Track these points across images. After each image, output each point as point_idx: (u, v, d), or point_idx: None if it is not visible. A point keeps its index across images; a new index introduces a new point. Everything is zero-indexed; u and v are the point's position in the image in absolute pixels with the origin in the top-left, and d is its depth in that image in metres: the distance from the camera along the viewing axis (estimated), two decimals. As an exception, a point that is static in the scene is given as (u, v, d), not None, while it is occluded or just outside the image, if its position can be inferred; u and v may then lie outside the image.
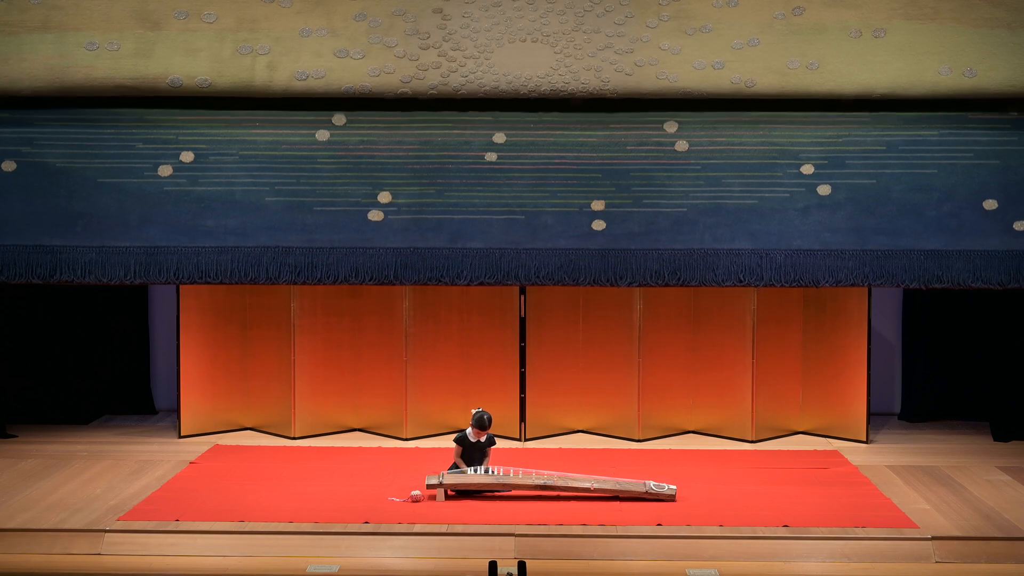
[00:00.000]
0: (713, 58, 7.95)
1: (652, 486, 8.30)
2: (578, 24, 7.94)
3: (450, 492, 8.37)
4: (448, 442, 8.89)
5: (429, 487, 8.35)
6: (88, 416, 10.89)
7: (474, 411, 8.59)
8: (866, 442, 10.14)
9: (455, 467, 8.51)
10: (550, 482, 8.35)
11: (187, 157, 8.16)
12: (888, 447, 10.08)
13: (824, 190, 8.16)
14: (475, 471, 8.43)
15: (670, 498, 8.29)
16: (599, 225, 8.19)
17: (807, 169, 8.17)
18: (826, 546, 7.56)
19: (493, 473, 8.42)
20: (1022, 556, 7.56)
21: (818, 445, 10.05)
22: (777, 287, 8.25)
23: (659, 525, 7.77)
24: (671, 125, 8.19)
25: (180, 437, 10.23)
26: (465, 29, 7.92)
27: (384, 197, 8.17)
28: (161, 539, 7.62)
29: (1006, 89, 7.99)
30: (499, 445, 9.02)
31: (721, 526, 7.74)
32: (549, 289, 10.19)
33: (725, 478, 8.95)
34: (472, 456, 8.53)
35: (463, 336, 10.36)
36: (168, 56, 7.94)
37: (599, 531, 7.70)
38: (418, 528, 7.71)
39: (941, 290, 10.68)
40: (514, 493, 8.40)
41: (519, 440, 10.28)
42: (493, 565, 6.27)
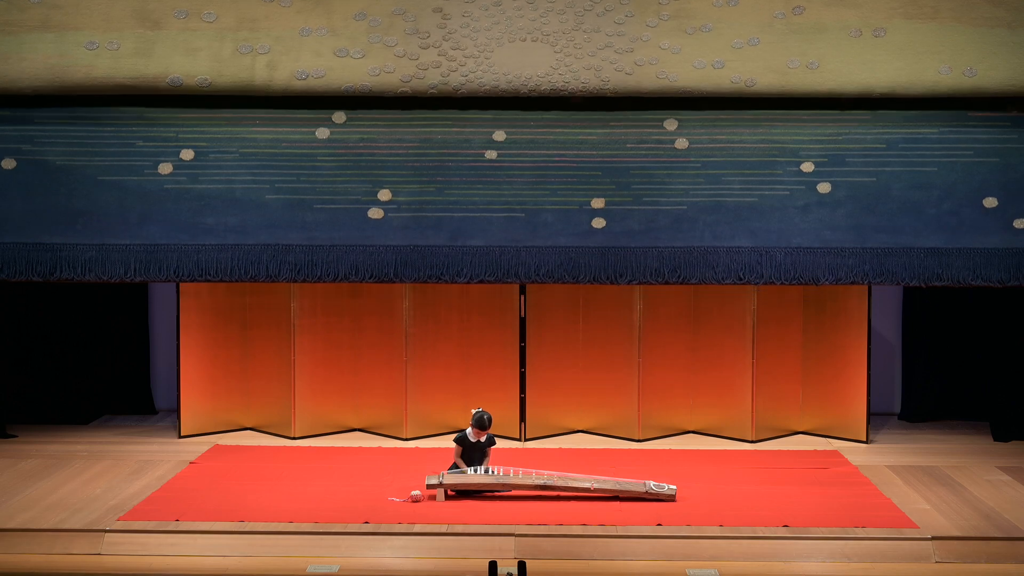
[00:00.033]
0: (713, 57, 7.95)
1: (652, 486, 8.30)
2: (578, 23, 7.93)
3: (450, 492, 8.36)
4: (448, 442, 8.89)
5: (429, 487, 8.34)
6: (88, 416, 10.89)
7: (474, 411, 8.59)
8: (866, 442, 10.14)
9: (455, 467, 8.51)
10: (550, 482, 8.34)
11: (187, 155, 8.16)
12: (888, 447, 10.07)
13: (824, 188, 8.16)
14: (475, 471, 8.43)
15: (670, 498, 8.29)
16: (599, 223, 8.19)
17: (807, 167, 8.16)
18: (826, 546, 7.56)
19: (493, 473, 8.41)
20: (1022, 556, 7.56)
21: (818, 445, 10.05)
22: (777, 285, 8.24)
23: (659, 525, 7.77)
24: (671, 123, 8.18)
25: (180, 437, 10.23)
26: (465, 28, 7.92)
27: (384, 195, 8.17)
28: (161, 539, 7.61)
29: (1006, 88, 7.99)
30: (499, 445, 9.02)
31: (721, 526, 7.74)
32: (549, 289, 10.19)
33: (725, 478, 8.95)
34: (472, 456, 8.53)
35: (463, 336, 10.35)
36: (168, 55, 7.93)
37: (599, 531, 7.69)
38: (418, 528, 7.71)
39: (941, 290, 10.75)
40: (514, 493, 8.39)
41: (519, 440, 10.28)
42: (493, 565, 6.27)
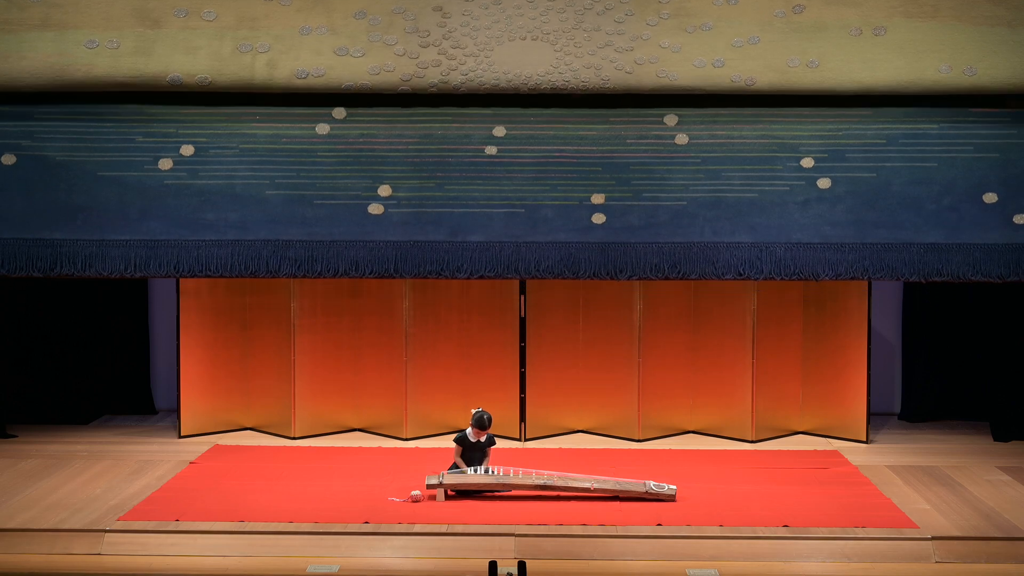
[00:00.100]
0: (713, 56, 7.95)
1: (652, 486, 8.30)
2: (578, 22, 7.93)
3: (450, 492, 8.36)
4: (448, 442, 8.88)
5: (429, 487, 8.34)
6: (88, 416, 10.88)
7: (474, 411, 8.59)
8: (866, 442, 10.13)
9: (455, 467, 8.50)
10: (550, 482, 8.34)
11: (187, 150, 8.16)
12: (888, 447, 10.07)
13: (824, 183, 8.16)
14: (475, 471, 8.42)
15: (670, 498, 8.28)
16: (599, 218, 8.19)
17: (807, 162, 8.17)
18: (826, 546, 7.55)
19: (493, 473, 8.41)
20: (1022, 556, 7.56)
21: (818, 445, 10.04)
22: (777, 280, 8.24)
23: (659, 525, 7.76)
24: (671, 118, 8.19)
25: (180, 437, 10.22)
26: (465, 27, 7.92)
27: (384, 190, 8.17)
28: (161, 539, 7.61)
29: (1006, 87, 7.99)
30: (499, 445, 9.01)
31: (721, 526, 7.73)
32: (549, 289, 10.19)
33: (725, 478, 8.94)
34: (472, 456, 8.52)
35: (463, 336, 10.35)
36: (168, 54, 7.94)
37: (599, 531, 7.69)
38: (418, 528, 7.71)
39: (941, 290, 10.76)
40: (514, 493, 8.39)
41: (519, 440, 10.27)
42: (493, 565, 6.26)
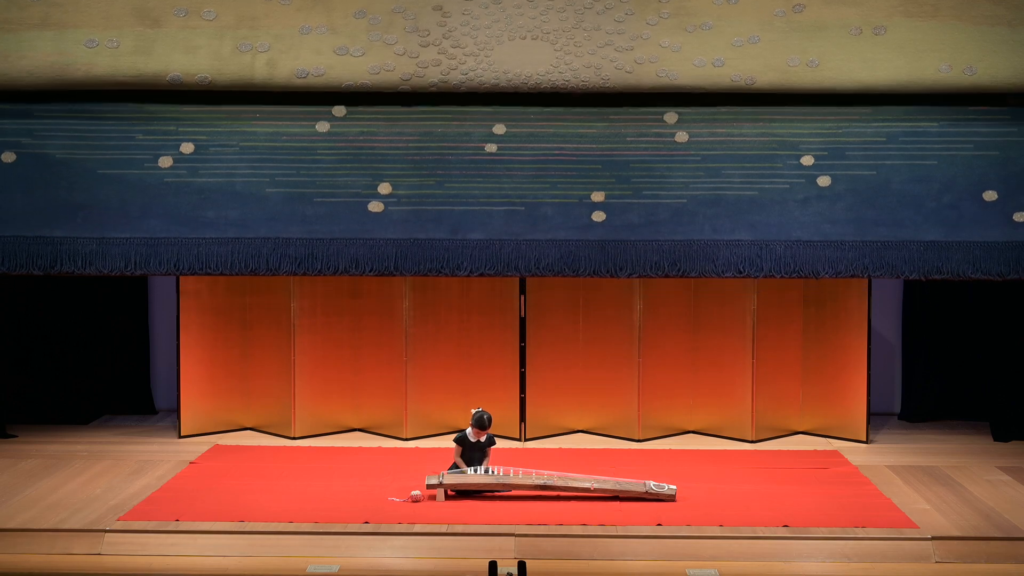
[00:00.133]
0: (713, 56, 7.95)
1: (652, 486, 8.29)
2: (578, 21, 7.93)
3: (450, 492, 8.36)
4: (448, 442, 8.88)
5: (429, 487, 8.34)
6: (88, 416, 10.88)
7: (474, 411, 8.58)
8: (866, 442, 10.13)
9: (455, 467, 8.50)
10: (550, 482, 8.34)
11: (187, 148, 8.17)
12: (888, 447, 10.07)
13: (824, 181, 8.17)
14: (475, 471, 8.42)
15: (670, 498, 8.28)
16: (599, 216, 8.19)
17: (807, 160, 8.17)
18: (826, 546, 7.55)
19: (493, 473, 8.41)
20: (1022, 556, 7.56)
21: (818, 445, 10.04)
22: (777, 279, 8.25)
23: (659, 525, 7.76)
24: (671, 116, 8.19)
25: (180, 437, 10.22)
26: (465, 26, 7.92)
27: (384, 188, 8.18)
28: (161, 539, 7.61)
29: (1006, 87, 8.00)
30: (499, 445, 9.01)
31: (721, 526, 7.73)
32: (549, 289, 10.19)
33: (725, 478, 8.94)
34: (472, 456, 8.52)
35: (463, 336, 10.35)
36: (168, 54, 7.94)
37: (599, 531, 7.69)
38: (418, 528, 7.71)
39: (941, 289, 10.76)
40: (514, 493, 8.39)
41: (519, 440, 10.27)
42: (493, 565, 6.26)
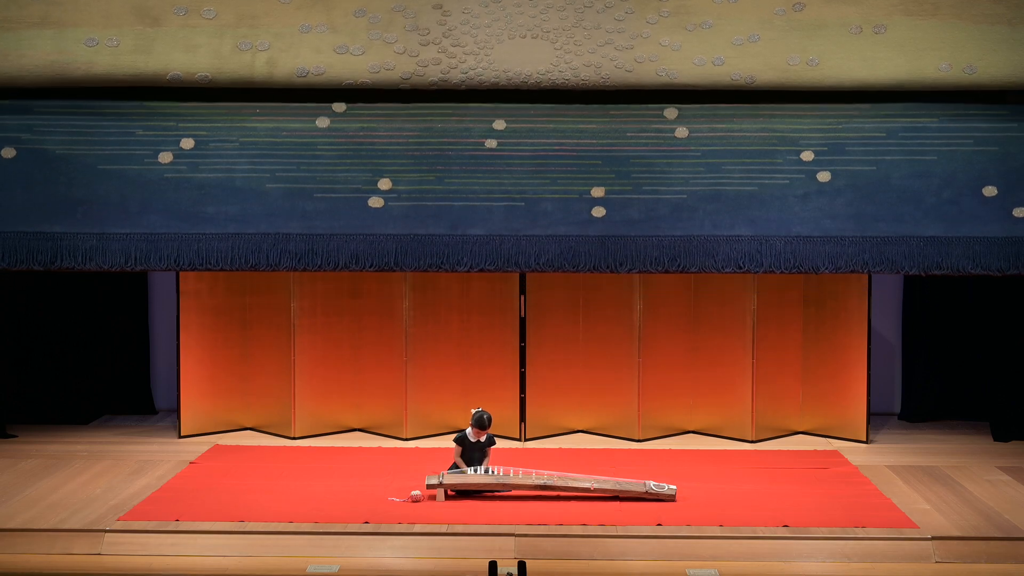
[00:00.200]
0: (713, 54, 7.95)
1: (652, 486, 8.29)
2: (578, 20, 7.94)
3: (450, 492, 8.36)
4: (448, 442, 8.88)
5: (429, 487, 8.34)
6: (88, 416, 10.88)
7: (474, 411, 8.58)
8: (866, 442, 10.13)
9: (455, 467, 8.50)
10: (550, 482, 8.33)
11: (187, 144, 8.17)
12: (888, 447, 10.06)
13: (824, 177, 8.17)
14: (475, 471, 8.42)
15: (670, 498, 8.28)
16: (599, 212, 8.20)
17: (807, 156, 8.18)
18: (826, 546, 7.55)
19: (493, 473, 8.41)
20: (1022, 556, 7.55)
21: (818, 445, 10.04)
22: (776, 276, 8.26)
23: (659, 525, 7.76)
24: (671, 112, 8.20)
25: (180, 437, 10.22)
26: (465, 25, 7.92)
27: (384, 184, 8.18)
28: (161, 539, 7.61)
29: (1006, 86, 8.01)
30: (499, 445, 9.01)
31: (721, 526, 7.73)
32: (549, 289, 10.18)
33: (725, 478, 8.94)
34: (472, 456, 8.52)
35: (463, 336, 10.35)
36: (167, 52, 7.94)
37: (599, 531, 7.69)
38: (418, 528, 7.70)
39: (941, 289, 10.76)
40: (514, 493, 8.38)
41: (519, 440, 10.27)
42: (493, 565, 6.26)
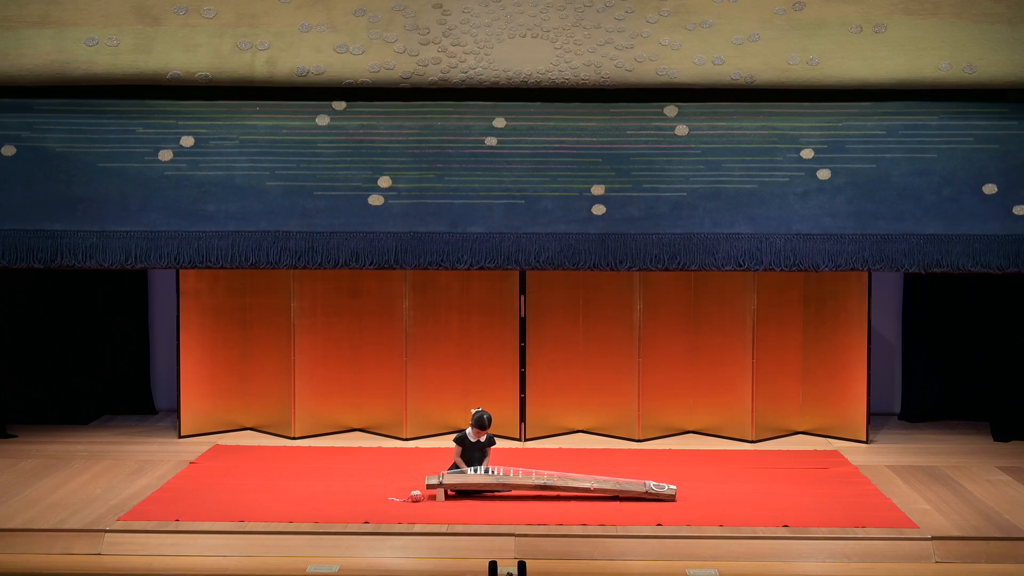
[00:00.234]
0: (713, 54, 7.95)
1: (652, 486, 8.29)
2: (578, 19, 7.94)
3: (450, 492, 8.36)
4: (448, 442, 8.88)
5: (429, 487, 8.34)
6: (88, 416, 10.88)
7: (474, 411, 8.58)
8: (866, 442, 10.13)
9: (455, 467, 8.50)
10: (550, 482, 8.33)
11: (187, 142, 8.18)
12: (888, 447, 10.06)
13: (824, 174, 8.18)
14: (475, 471, 8.42)
15: (670, 498, 8.28)
16: (599, 209, 8.21)
17: (807, 153, 8.19)
18: (826, 546, 7.55)
19: (493, 473, 8.41)
20: (1022, 556, 7.55)
21: (818, 445, 10.04)
22: (777, 273, 8.27)
23: (659, 525, 7.76)
24: (671, 110, 8.21)
25: (180, 437, 10.22)
26: (465, 24, 7.93)
27: (384, 182, 8.19)
28: (161, 539, 7.61)
29: (1006, 85, 8.01)
30: (499, 445, 9.00)
31: (721, 526, 7.73)
32: (549, 289, 10.19)
33: (725, 478, 8.94)
34: (472, 456, 8.52)
35: (463, 336, 10.35)
36: (167, 52, 7.95)
37: (599, 531, 7.69)
38: (418, 528, 7.70)
39: (941, 289, 10.76)
40: (514, 493, 8.38)
41: (519, 440, 10.27)
42: (493, 565, 6.26)
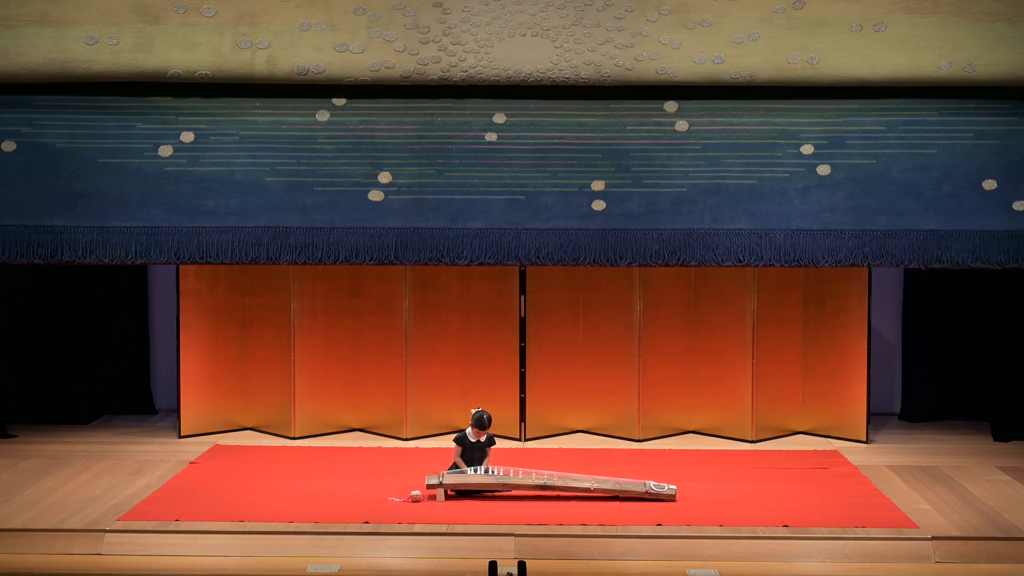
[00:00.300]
0: (713, 53, 7.95)
1: (652, 486, 8.29)
2: (578, 18, 7.94)
3: (450, 492, 8.36)
4: (448, 442, 8.88)
5: (429, 487, 8.33)
6: (88, 416, 10.88)
7: (474, 411, 8.58)
8: (866, 442, 10.13)
9: (455, 467, 8.50)
10: (550, 482, 8.33)
11: (187, 137, 8.18)
12: (888, 447, 10.06)
13: (824, 170, 8.18)
14: (475, 471, 8.42)
15: (670, 498, 8.28)
16: (599, 205, 8.21)
17: (807, 149, 8.19)
18: (826, 546, 7.55)
19: (493, 473, 8.40)
20: (1022, 556, 7.55)
21: (818, 445, 10.04)
22: (777, 267, 8.26)
23: (659, 525, 7.76)
24: (671, 105, 8.21)
25: (180, 437, 10.22)
26: (465, 23, 7.93)
27: (384, 177, 8.19)
28: (161, 539, 7.61)
29: (1006, 84, 8.01)
30: (499, 445, 9.00)
31: (721, 526, 7.73)
32: (549, 289, 10.18)
33: (725, 478, 8.93)
34: (472, 456, 8.52)
35: (463, 336, 10.34)
36: (167, 50, 7.95)
37: (599, 531, 7.68)
38: (418, 528, 7.70)
39: (941, 289, 10.76)
40: (514, 493, 8.38)
41: (519, 440, 10.27)
42: (493, 565, 6.26)
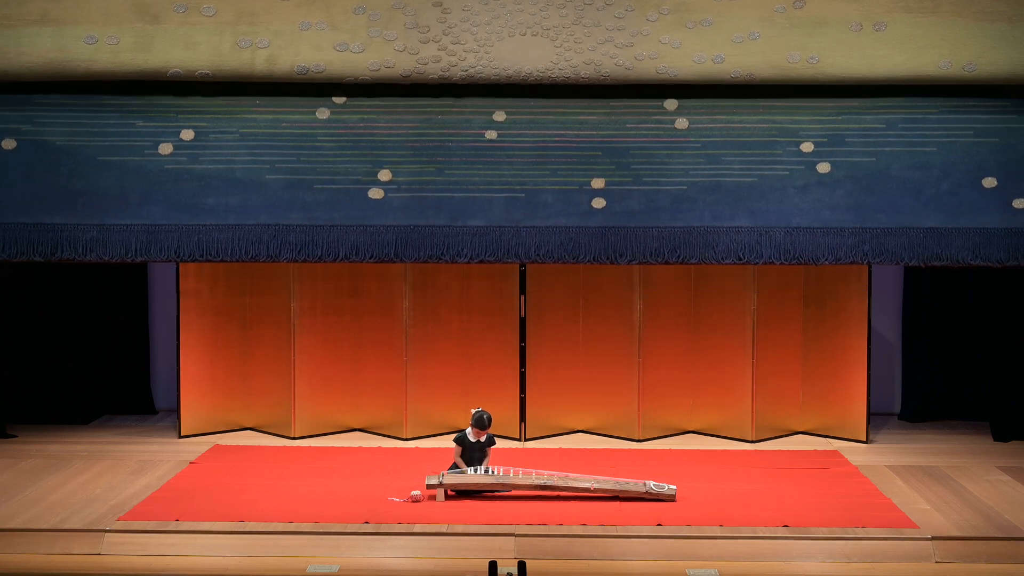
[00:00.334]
0: (713, 52, 7.95)
1: (652, 486, 8.29)
2: (578, 18, 7.94)
3: (450, 492, 8.36)
4: (448, 442, 8.88)
5: (429, 487, 8.33)
6: (88, 416, 10.88)
7: (474, 411, 8.58)
8: (866, 442, 10.13)
9: (455, 467, 8.50)
10: (550, 482, 8.33)
11: (187, 135, 8.18)
12: (888, 447, 10.06)
13: (823, 168, 8.18)
14: (475, 471, 8.42)
15: (670, 498, 8.28)
16: (599, 203, 8.21)
17: (807, 147, 8.19)
18: (826, 546, 7.55)
19: (493, 473, 8.41)
20: (1022, 556, 7.55)
21: (818, 445, 10.04)
22: (777, 265, 8.27)
23: (659, 525, 7.76)
24: (671, 103, 8.21)
25: (180, 437, 10.22)
26: (465, 22, 7.93)
27: (384, 175, 8.19)
28: (161, 539, 7.61)
29: (1006, 83, 8.01)
30: (499, 445, 9.00)
31: (721, 526, 7.73)
32: (549, 289, 10.19)
33: (725, 478, 8.94)
34: (472, 456, 8.52)
35: (463, 336, 10.34)
36: (167, 50, 7.95)
37: (599, 531, 7.68)
38: (418, 528, 7.70)
39: (941, 289, 10.76)
40: (514, 493, 8.38)
41: (519, 440, 10.27)
42: (493, 565, 6.26)
